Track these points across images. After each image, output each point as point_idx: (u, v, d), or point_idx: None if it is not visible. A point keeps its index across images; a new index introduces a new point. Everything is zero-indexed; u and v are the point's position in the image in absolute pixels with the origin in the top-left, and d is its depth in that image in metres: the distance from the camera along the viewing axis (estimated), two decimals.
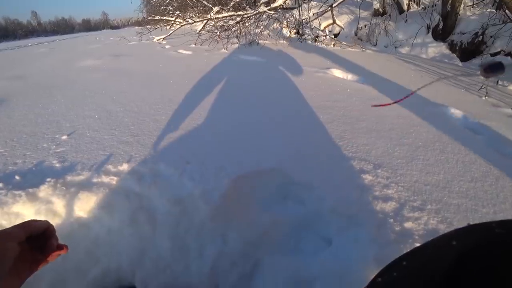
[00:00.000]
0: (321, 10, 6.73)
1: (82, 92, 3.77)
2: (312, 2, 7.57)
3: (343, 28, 6.86)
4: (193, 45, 7.03)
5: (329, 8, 6.25)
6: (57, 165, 1.97)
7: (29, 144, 2.37)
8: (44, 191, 1.68)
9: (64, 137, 2.38)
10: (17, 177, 1.90)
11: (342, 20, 7.14)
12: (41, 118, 2.92)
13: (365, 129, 2.35)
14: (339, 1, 6.28)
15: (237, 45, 6.58)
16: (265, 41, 6.70)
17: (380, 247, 1.37)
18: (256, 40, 6.68)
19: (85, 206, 1.61)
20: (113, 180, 1.72)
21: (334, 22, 6.38)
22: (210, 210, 1.61)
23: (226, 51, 6.04)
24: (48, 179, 1.75)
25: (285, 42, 6.67)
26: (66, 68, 5.82)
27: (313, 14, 7.07)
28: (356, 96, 3.11)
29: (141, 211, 1.62)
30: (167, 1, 13.72)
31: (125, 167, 1.82)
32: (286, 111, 2.70)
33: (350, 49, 5.95)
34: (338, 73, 4.24)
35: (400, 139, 2.19)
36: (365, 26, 7.01)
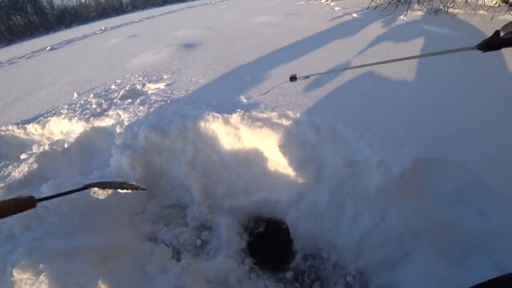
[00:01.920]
0: None
1: (261, 43, 4.19)
2: None
3: None
4: (366, 8, 6.54)
5: None
6: (244, 100, 2.30)
7: (221, 79, 2.86)
8: (235, 118, 2.01)
9: (249, 79, 2.73)
10: (214, 103, 2.34)
11: None
12: (229, 61, 3.45)
13: None
14: None
15: (419, 13, 5.64)
16: (456, 10, 5.43)
17: None
18: (445, 8, 5.46)
19: (265, 140, 1.84)
20: (292, 126, 1.86)
21: None
22: (381, 182, 1.53)
23: (405, 18, 5.29)
24: (238, 110, 2.06)
25: (486, 13, 5.17)
26: (245, 22, 6.65)
27: None
28: None
29: (311, 160, 1.70)
30: None
31: (303, 116, 1.95)
32: (492, 107, 2.17)
33: None
34: None
35: None
36: None
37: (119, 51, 5.71)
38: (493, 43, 0.73)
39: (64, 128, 2.99)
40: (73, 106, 3.20)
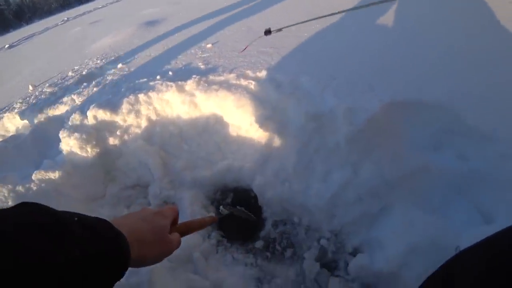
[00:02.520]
0: None
1: (226, 12, 3.92)
2: None
3: None
4: None
5: None
6: (202, 66, 2.11)
7: (180, 51, 2.63)
8: (190, 85, 1.82)
9: (209, 45, 2.53)
10: (170, 73, 2.15)
11: None
12: (191, 32, 3.21)
13: None
14: None
15: None
16: None
17: None
18: None
19: (222, 103, 1.67)
20: (251, 84, 1.70)
21: None
22: (350, 132, 1.38)
23: None
24: (194, 76, 1.89)
25: None
26: None
27: None
28: None
29: (274, 119, 1.53)
30: None
31: (264, 74, 1.77)
32: (468, 39, 2.00)
33: None
34: None
35: None
36: None
37: (79, 38, 5.35)
38: None
39: (19, 123, 2.77)
40: (28, 99, 2.96)
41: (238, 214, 1.42)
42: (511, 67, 1.57)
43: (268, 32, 1.33)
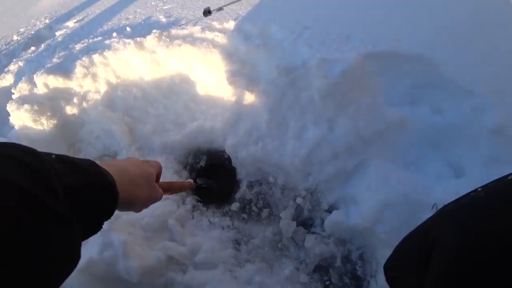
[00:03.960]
0: None
1: None
2: None
3: None
4: None
5: None
6: (163, 19, 1.90)
7: (140, 3, 2.34)
8: (150, 41, 1.64)
9: None
10: (128, 29, 1.93)
11: None
12: None
13: None
14: None
15: None
16: None
17: None
18: None
19: (187, 60, 1.52)
20: (217, 36, 1.53)
21: None
22: (325, 86, 1.29)
23: None
24: (154, 31, 1.70)
25: None
26: None
27: None
28: None
29: (243, 74, 1.41)
30: None
31: (231, 25, 1.60)
32: None
33: None
34: None
35: None
36: None
37: None
38: None
39: None
40: None
41: (211, 186, 1.38)
42: (492, 21, 1.49)
43: (207, 12, 1.16)
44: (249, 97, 1.44)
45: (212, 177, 1.48)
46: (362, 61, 1.39)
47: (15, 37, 2.83)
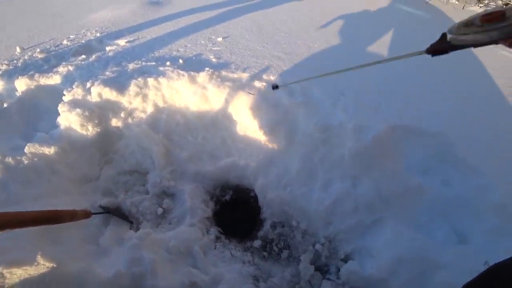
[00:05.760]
0: None
1: (236, 4, 3.84)
2: None
3: None
4: None
5: None
6: (214, 60, 2.07)
7: (189, 38, 2.56)
8: (202, 77, 1.79)
9: (220, 39, 2.48)
10: (180, 61, 2.10)
11: None
12: (198, 19, 3.13)
13: None
14: None
15: None
16: None
17: None
18: None
19: (233, 100, 1.65)
20: (263, 86, 1.68)
21: None
22: (356, 147, 1.44)
23: None
24: (207, 69, 1.87)
25: (457, 3, 5.26)
26: None
27: None
28: None
29: (283, 124, 1.55)
30: None
31: (277, 78, 1.80)
32: (460, 76, 2.14)
33: None
34: None
35: None
36: None
37: (74, 5, 4.98)
38: (440, 49, 0.69)
39: (3, 86, 2.55)
40: (15, 62, 2.71)
41: (115, 214, 1.50)
42: (504, 113, 1.72)
43: (275, 87, 1.35)
44: (284, 145, 1.57)
45: (235, 211, 1.57)
46: (389, 131, 1.56)
47: (65, 42, 3.00)
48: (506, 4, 4.96)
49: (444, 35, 0.68)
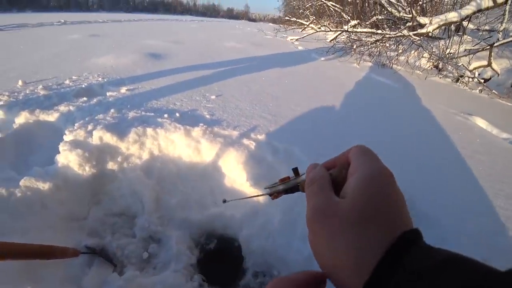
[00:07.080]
0: (476, 47, 5.77)
1: (226, 64, 4.27)
2: (466, 36, 6.54)
3: (498, 74, 5.68)
4: (325, 52, 7.12)
5: (488, 47, 5.21)
6: (207, 116, 2.30)
7: (185, 94, 2.83)
8: (197, 132, 1.98)
9: (213, 96, 2.75)
10: (177, 114, 2.30)
11: (500, 65, 5.92)
12: (195, 76, 3.45)
13: None
14: (504, 41, 5.15)
15: (369, 64, 6.36)
16: (399, 67, 6.26)
17: None
18: (390, 64, 6.26)
19: (224, 155, 1.83)
20: (252, 144, 1.90)
21: (489, 64, 5.38)
22: None
23: (358, 66, 5.91)
24: (201, 124, 2.06)
25: (421, 73, 6.06)
26: (213, 44, 6.72)
27: (465, 50, 6.07)
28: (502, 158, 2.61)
29: (266, 178, 1.73)
30: (306, 6, 14.42)
31: (263, 137, 2.00)
32: (420, 144, 2.48)
33: (500, 100, 4.95)
34: (481, 123, 3.56)
35: None
36: None
37: (78, 47, 5.29)
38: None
39: (1, 117, 2.62)
40: (16, 94, 2.83)
41: (101, 255, 1.55)
42: (460, 170, 2.01)
43: (224, 201, 1.57)
44: (268, 199, 1.73)
45: (219, 260, 1.65)
46: None
47: (67, 81, 3.18)
48: (461, 76, 5.83)
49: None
